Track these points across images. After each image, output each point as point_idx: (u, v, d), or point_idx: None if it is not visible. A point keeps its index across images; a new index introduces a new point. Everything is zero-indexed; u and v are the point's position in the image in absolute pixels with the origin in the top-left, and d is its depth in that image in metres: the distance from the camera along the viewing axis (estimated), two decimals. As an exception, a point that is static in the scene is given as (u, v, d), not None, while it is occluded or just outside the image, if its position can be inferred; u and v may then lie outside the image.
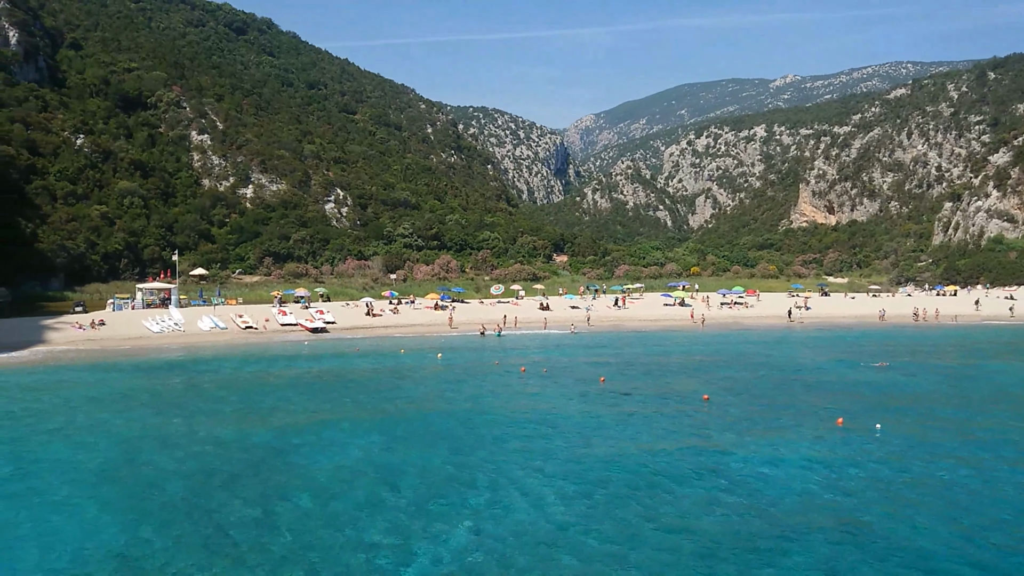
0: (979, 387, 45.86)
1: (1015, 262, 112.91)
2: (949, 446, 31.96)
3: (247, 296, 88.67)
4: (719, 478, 27.65)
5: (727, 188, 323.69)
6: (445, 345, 62.74)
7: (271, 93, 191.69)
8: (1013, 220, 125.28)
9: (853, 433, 33.74)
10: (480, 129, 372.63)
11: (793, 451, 31.07)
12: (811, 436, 33.40)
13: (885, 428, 34.01)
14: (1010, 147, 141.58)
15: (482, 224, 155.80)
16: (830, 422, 35.51)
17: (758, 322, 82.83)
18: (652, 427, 35.09)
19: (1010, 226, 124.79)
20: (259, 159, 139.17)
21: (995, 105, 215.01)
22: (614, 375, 48.09)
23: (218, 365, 52.19)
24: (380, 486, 26.83)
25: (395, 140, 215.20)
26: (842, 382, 46.46)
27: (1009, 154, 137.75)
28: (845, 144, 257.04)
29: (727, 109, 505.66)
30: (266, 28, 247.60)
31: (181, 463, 29.57)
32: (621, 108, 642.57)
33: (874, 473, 28.26)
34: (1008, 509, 24.61)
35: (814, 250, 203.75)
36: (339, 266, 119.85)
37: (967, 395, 43.27)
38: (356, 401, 41.01)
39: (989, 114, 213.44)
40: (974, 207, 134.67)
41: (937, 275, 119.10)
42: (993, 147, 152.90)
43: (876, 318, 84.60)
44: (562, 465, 29.18)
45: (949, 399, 42.00)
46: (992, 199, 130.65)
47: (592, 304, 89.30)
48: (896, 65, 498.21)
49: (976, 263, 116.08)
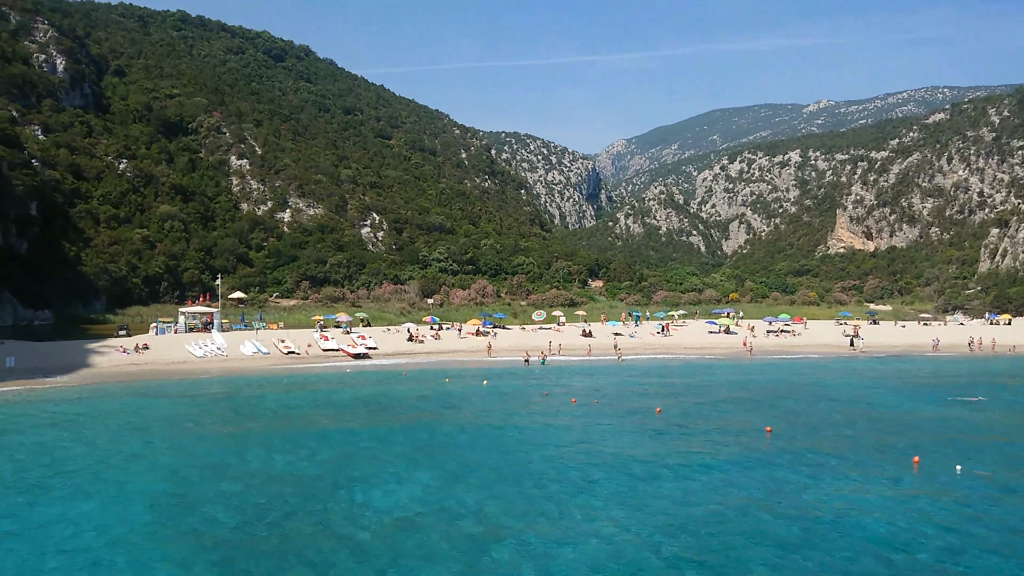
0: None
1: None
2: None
3: (286, 320, 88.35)
4: (792, 526, 25.94)
5: (761, 213, 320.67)
6: (490, 372, 61.57)
7: (308, 119, 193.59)
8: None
9: (931, 474, 31.84)
10: (512, 154, 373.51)
11: (868, 494, 29.22)
12: (886, 476, 31.57)
13: (966, 469, 32.11)
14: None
15: (516, 249, 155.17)
16: (905, 461, 33.65)
17: (809, 351, 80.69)
18: (718, 464, 33.43)
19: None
20: (296, 184, 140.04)
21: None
22: (669, 406, 46.55)
23: (263, 392, 51.46)
24: (439, 527, 25.58)
25: (430, 165, 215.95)
26: (910, 416, 44.46)
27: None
28: (883, 169, 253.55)
29: (760, 134, 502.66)
30: (304, 55, 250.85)
31: (233, 497, 28.56)
32: (653, 133, 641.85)
33: (961, 520, 26.44)
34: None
35: (853, 276, 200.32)
36: (375, 290, 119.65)
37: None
38: (406, 432, 39.87)
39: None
40: (1023, 234, 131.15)
41: (987, 303, 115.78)
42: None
43: (930, 348, 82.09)
44: (631, 510, 27.74)
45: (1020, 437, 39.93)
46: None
47: (636, 331, 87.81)
48: (932, 90, 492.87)
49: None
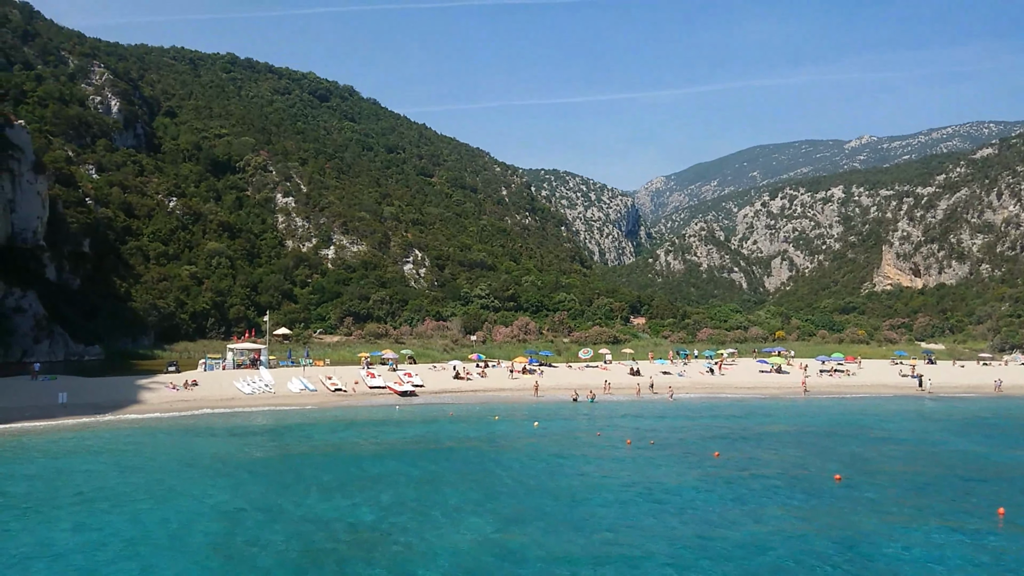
0: None
1: None
2: None
3: (331, 356, 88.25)
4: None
5: (804, 250, 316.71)
6: (539, 411, 60.39)
7: (352, 157, 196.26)
8: None
9: (1020, 526, 30.02)
10: (552, 191, 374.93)
11: (952, 549, 27.52)
12: (969, 528, 29.76)
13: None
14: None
15: (558, 285, 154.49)
16: (989, 511, 31.79)
17: (866, 391, 78.17)
18: (787, 513, 31.89)
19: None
20: (340, 221, 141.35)
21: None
22: (727, 449, 44.99)
23: (312, 430, 50.92)
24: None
25: (471, 202, 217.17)
26: (987, 462, 42.36)
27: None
28: (930, 205, 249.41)
29: (801, 170, 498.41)
30: (348, 95, 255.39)
31: (286, 542, 27.77)
32: (692, 170, 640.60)
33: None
34: None
35: (901, 314, 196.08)
36: (418, 327, 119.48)
37: None
38: (458, 474, 38.89)
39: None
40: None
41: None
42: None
43: (992, 388, 79.08)
44: (706, 563, 26.42)
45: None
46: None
47: (684, 370, 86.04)
48: (978, 125, 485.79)
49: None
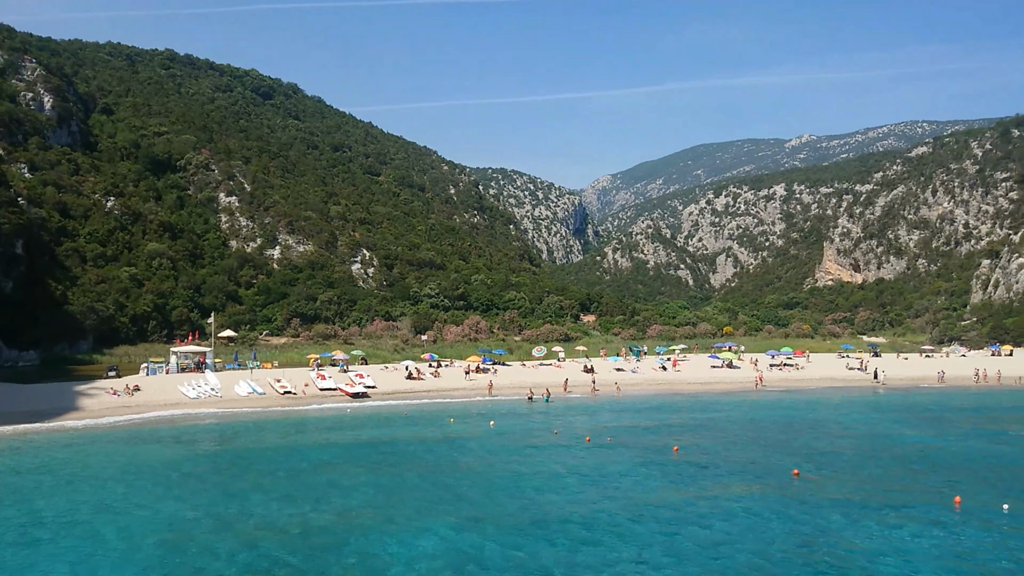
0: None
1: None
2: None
3: (278, 358, 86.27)
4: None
5: (748, 247, 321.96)
6: (494, 411, 59.72)
7: (297, 156, 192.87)
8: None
9: (976, 515, 30.31)
10: (499, 190, 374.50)
11: (913, 538, 27.65)
12: (928, 518, 29.97)
13: (1014, 508, 30.59)
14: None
15: (508, 284, 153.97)
16: (945, 501, 32.11)
17: (816, 384, 79.39)
18: (750, 509, 31.68)
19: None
20: (286, 220, 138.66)
21: (1021, 162, 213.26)
22: (686, 445, 44.91)
23: (261, 434, 49.40)
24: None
25: (419, 201, 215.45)
26: (938, 452, 42.99)
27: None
28: (868, 202, 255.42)
29: (744, 169, 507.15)
30: (292, 93, 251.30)
31: (237, 552, 26.57)
32: (638, 168, 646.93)
33: (1014, 564, 24.90)
34: None
35: (842, 309, 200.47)
36: (367, 327, 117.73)
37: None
38: (415, 476, 37.98)
39: (1015, 171, 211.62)
40: (1015, 264, 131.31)
41: (984, 334, 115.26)
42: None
43: (935, 379, 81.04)
44: (669, 560, 26.06)
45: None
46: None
47: (638, 367, 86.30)
48: (912, 124, 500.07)
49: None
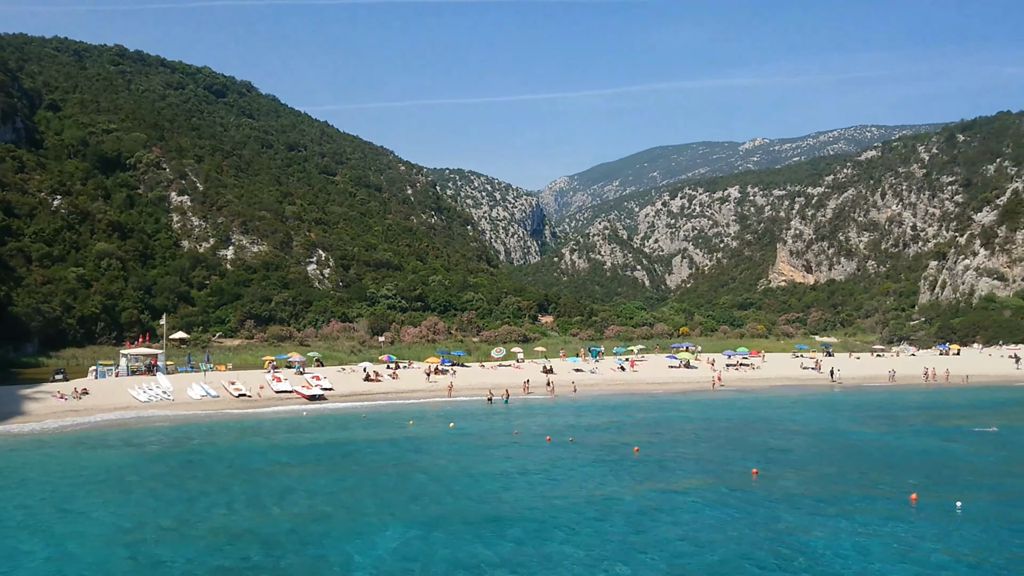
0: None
1: (1010, 320, 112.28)
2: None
3: (233, 360, 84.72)
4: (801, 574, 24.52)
5: (703, 248, 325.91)
6: (453, 413, 59.27)
7: (251, 155, 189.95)
8: (1003, 278, 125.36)
9: (931, 511, 30.76)
10: (457, 191, 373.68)
11: (871, 536, 27.86)
12: (886, 516, 30.21)
13: (967, 506, 31.13)
14: (993, 206, 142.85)
15: (465, 285, 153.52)
16: (902, 499, 32.56)
17: (772, 383, 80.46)
18: (710, 509, 31.78)
19: (1000, 284, 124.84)
20: (240, 220, 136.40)
21: (966, 166, 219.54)
22: (646, 445, 45.03)
23: (215, 438, 48.27)
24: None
25: (375, 201, 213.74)
26: (894, 450, 43.68)
27: (993, 213, 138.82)
28: (820, 204, 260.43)
29: (699, 171, 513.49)
30: (245, 91, 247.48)
31: (193, 561, 25.76)
32: (595, 170, 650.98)
33: (973, 564, 25.31)
34: None
35: (795, 309, 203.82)
36: (323, 328, 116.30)
37: (1019, 462, 40.65)
38: (375, 479, 37.41)
39: (961, 175, 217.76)
40: (962, 266, 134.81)
41: (932, 334, 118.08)
42: (976, 207, 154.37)
43: (886, 378, 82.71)
44: (631, 560, 25.96)
45: (1013, 468, 39.27)
46: (980, 257, 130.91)
47: (596, 367, 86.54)
48: (861, 128, 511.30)
49: (971, 321, 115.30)
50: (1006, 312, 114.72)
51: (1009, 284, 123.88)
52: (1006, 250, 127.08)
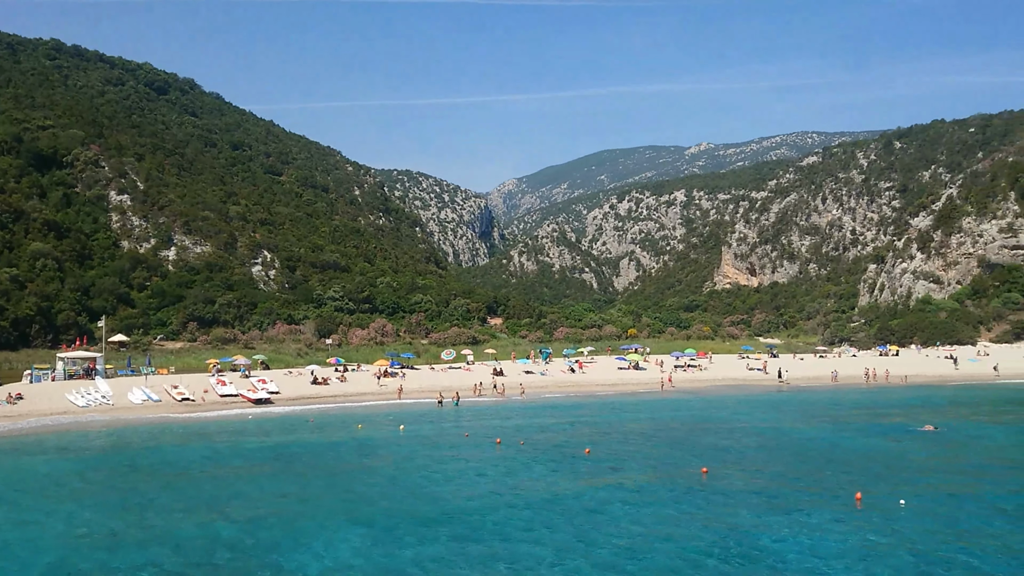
0: (969, 450, 44.49)
1: (945, 322, 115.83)
2: (981, 521, 29.88)
3: (175, 364, 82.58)
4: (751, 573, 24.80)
5: (650, 251, 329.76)
6: (403, 415, 58.65)
7: (194, 153, 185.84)
8: (939, 281, 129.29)
9: (876, 510, 31.39)
10: (405, 192, 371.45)
11: (819, 534, 28.35)
12: (833, 515, 30.79)
13: (910, 503, 31.86)
14: (929, 211, 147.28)
15: (414, 287, 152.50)
16: (848, 497, 33.18)
17: (718, 384, 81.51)
18: (661, 510, 31.93)
19: (936, 287, 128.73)
20: (182, 220, 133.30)
21: (902, 172, 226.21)
22: (597, 446, 45.11)
23: (158, 443, 46.92)
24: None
25: (322, 202, 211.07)
26: (839, 449, 44.46)
27: (929, 218, 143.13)
28: (763, 209, 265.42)
29: (645, 175, 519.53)
30: (188, 88, 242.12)
31: (136, 570, 24.97)
32: (543, 173, 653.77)
33: (919, 555, 25.90)
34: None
35: (740, 311, 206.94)
36: (268, 331, 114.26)
37: (957, 460, 41.82)
38: (324, 484, 36.76)
39: (898, 181, 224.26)
40: (899, 269, 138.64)
41: (871, 335, 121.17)
42: (913, 212, 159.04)
43: (829, 379, 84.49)
44: (584, 562, 25.92)
45: (952, 465, 40.40)
46: (917, 261, 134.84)
47: (547, 369, 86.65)
48: (802, 135, 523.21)
49: (908, 323, 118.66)
50: (941, 314, 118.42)
51: (944, 287, 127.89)
52: (941, 254, 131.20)
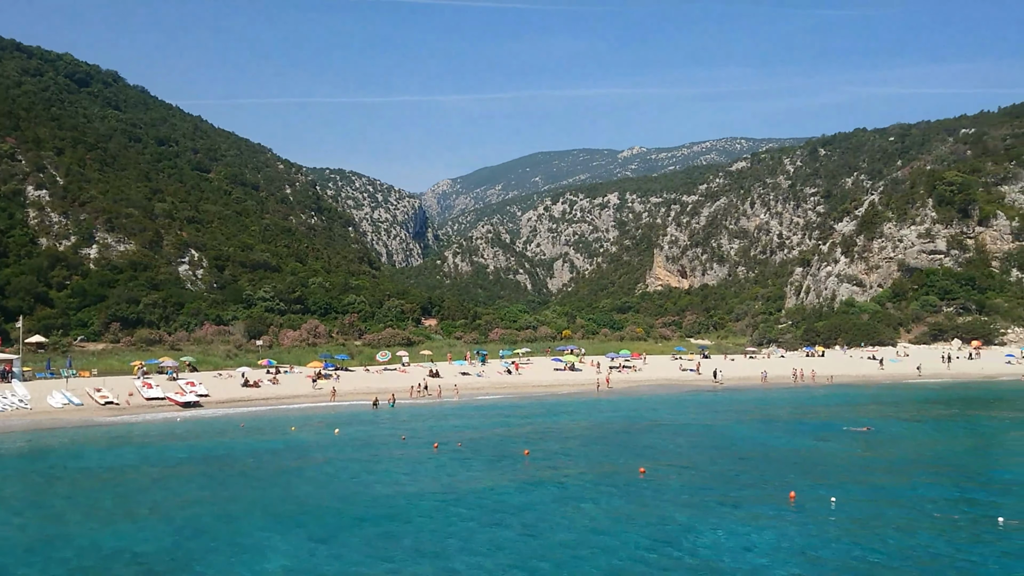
0: (896, 448, 45.90)
1: (867, 324, 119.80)
2: (908, 516, 30.80)
3: (98, 366, 79.45)
4: (691, 573, 25.05)
5: (584, 253, 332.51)
6: (338, 418, 57.58)
7: (117, 148, 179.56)
8: (861, 284, 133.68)
9: (809, 507, 32.08)
10: (338, 191, 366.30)
11: (754, 533, 28.85)
12: (768, 513, 31.36)
13: (840, 501, 32.63)
14: (852, 216, 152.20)
15: (347, 287, 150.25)
16: (782, 495, 33.81)
17: (653, 385, 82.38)
18: (600, 511, 32.01)
19: (859, 290, 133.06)
20: (105, 217, 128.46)
21: (827, 179, 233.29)
22: (536, 449, 45.03)
23: (80, 449, 44.97)
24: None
25: (252, 200, 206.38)
26: (774, 450, 45.35)
27: (852, 223, 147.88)
28: (694, 212, 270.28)
29: (579, 177, 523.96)
30: (111, 81, 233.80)
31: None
32: (478, 174, 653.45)
33: (850, 552, 26.56)
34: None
35: (671, 312, 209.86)
36: (196, 332, 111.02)
37: (884, 458, 43.15)
38: (258, 490, 35.72)
39: (822, 187, 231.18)
40: (824, 272, 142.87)
41: (798, 336, 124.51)
42: (837, 217, 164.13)
43: (759, 379, 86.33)
44: (523, 565, 25.74)
45: (879, 463, 41.61)
46: (841, 265, 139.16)
47: (483, 370, 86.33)
48: (731, 140, 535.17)
49: (833, 325, 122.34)
50: (864, 316, 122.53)
51: (867, 290, 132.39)
52: (864, 258, 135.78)
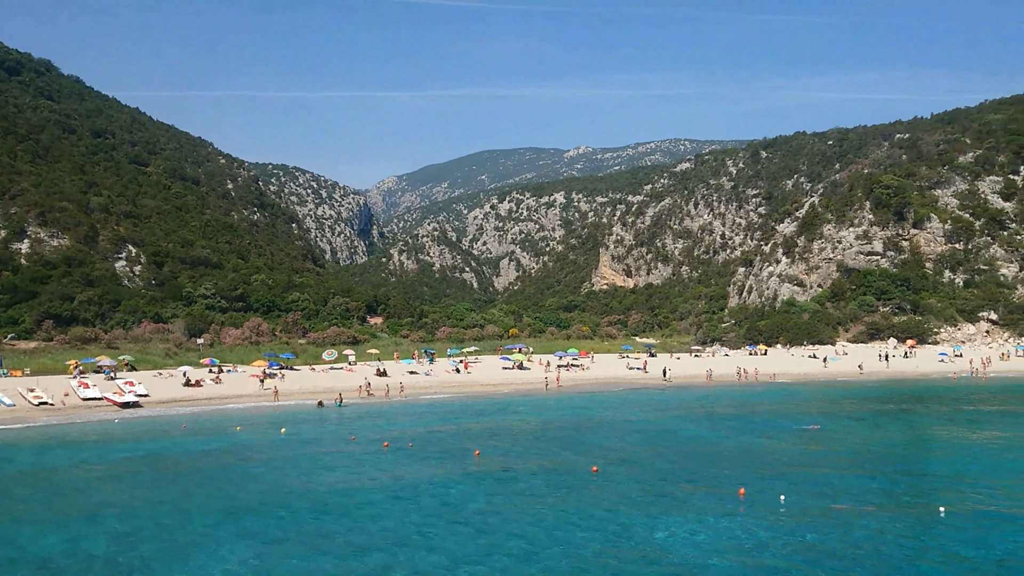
0: (841, 443, 46.82)
1: (808, 323, 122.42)
2: (853, 507, 31.37)
3: (30, 365, 76.58)
4: (645, 570, 25.07)
5: (530, 251, 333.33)
6: (284, 418, 56.38)
7: (50, 140, 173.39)
8: (802, 284, 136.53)
9: (759, 505, 32.42)
10: (281, 187, 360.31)
11: (709, 528, 29.15)
12: (719, 509, 31.69)
13: (789, 498, 33.08)
14: (793, 218, 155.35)
15: (290, 285, 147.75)
16: (732, 492, 34.17)
17: (601, 383, 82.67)
18: (555, 511, 31.85)
19: (800, 289, 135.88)
20: (37, 211, 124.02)
21: (768, 180, 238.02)
22: (486, 448, 44.73)
23: (13, 452, 43.13)
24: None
25: (193, 195, 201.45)
26: (720, 447, 45.74)
27: (793, 225, 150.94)
28: (639, 212, 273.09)
29: (526, 176, 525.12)
30: (44, 70, 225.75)
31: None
32: (424, 171, 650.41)
33: (798, 548, 26.93)
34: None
35: (617, 311, 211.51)
36: (134, 330, 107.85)
37: (830, 453, 43.94)
38: (203, 493, 34.67)
39: (764, 188, 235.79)
40: (766, 272, 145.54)
41: (741, 335, 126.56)
42: (778, 218, 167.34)
43: (704, 377, 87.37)
44: (478, 569, 25.44)
45: (825, 459, 42.37)
46: (782, 265, 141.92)
47: (431, 369, 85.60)
48: (675, 142, 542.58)
49: (774, 324, 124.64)
50: (804, 315, 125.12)
51: (807, 290, 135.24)
52: (804, 258, 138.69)
